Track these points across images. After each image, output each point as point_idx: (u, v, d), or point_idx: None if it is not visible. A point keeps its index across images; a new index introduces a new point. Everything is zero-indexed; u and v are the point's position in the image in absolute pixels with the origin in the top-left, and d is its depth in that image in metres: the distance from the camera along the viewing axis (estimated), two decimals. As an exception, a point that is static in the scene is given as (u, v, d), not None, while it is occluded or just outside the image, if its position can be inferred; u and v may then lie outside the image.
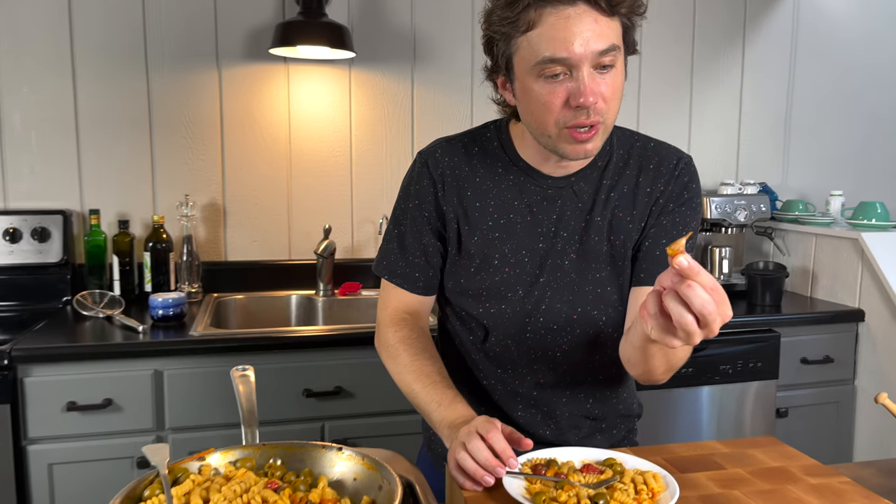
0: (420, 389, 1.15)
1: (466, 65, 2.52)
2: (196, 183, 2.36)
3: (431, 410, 1.12)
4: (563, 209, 1.16)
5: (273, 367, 1.88)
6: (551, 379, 1.22)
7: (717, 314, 0.78)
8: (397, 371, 1.21)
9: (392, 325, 1.24)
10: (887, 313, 2.24)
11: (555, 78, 1.00)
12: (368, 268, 2.51)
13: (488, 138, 1.21)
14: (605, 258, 1.17)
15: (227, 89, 2.35)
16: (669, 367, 1.09)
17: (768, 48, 2.80)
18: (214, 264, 2.38)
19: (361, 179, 2.49)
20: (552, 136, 1.05)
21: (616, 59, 1.01)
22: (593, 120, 1.01)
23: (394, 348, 1.21)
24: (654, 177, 1.16)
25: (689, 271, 0.77)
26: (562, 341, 1.19)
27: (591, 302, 1.18)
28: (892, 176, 3.01)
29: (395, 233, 1.24)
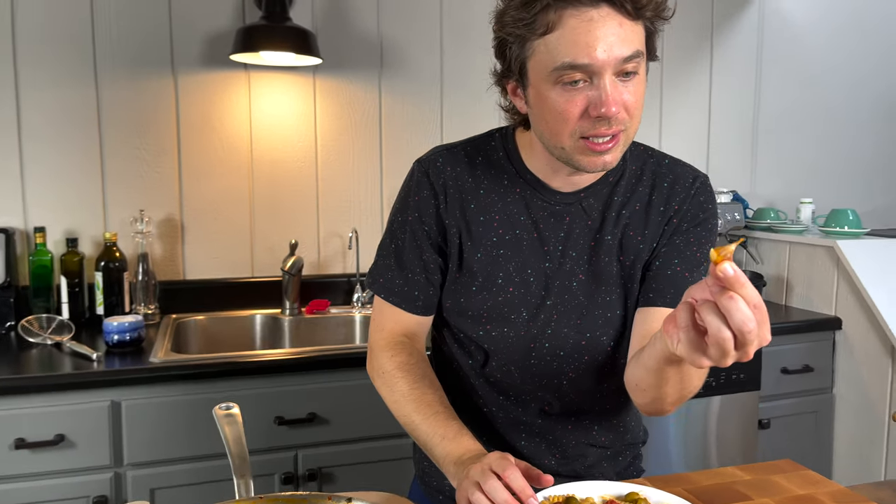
0: (421, 421, 1.04)
1: (435, 72, 2.44)
2: (151, 197, 2.21)
3: (434, 444, 1.02)
4: (571, 227, 1.08)
5: (242, 394, 1.75)
6: (557, 407, 1.14)
7: (756, 334, 0.69)
8: (394, 400, 1.10)
9: (388, 350, 1.13)
10: (864, 320, 2.23)
11: (574, 85, 0.92)
12: (337, 284, 2.42)
13: (493, 147, 1.12)
14: (615, 280, 1.09)
15: (183, 97, 2.21)
16: (681, 395, 1.00)
17: (735, 57, 2.79)
18: (172, 283, 2.23)
19: (328, 191, 2.37)
20: (567, 147, 0.96)
21: (639, 65, 0.93)
22: (615, 130, 0.93)
23: (390, 375, 1.11)
24: (669, 195, 1.09)
25: (733, 281, 0.67)
26: (568, 368, 1.11)
27: (600, 326, 1.09)
28: (856, 182, 3.04)
29: (391, 247, 1.14)
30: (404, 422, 1.09)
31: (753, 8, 2.81)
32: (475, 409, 1.16)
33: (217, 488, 1.73)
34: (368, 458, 1.85)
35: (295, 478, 1.80)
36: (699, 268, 1.09)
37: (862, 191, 3.05)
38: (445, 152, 1.13)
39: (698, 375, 0.97)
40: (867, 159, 3.07)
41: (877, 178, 3.09)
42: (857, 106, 3.03)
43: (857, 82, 3.01)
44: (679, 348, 0.75)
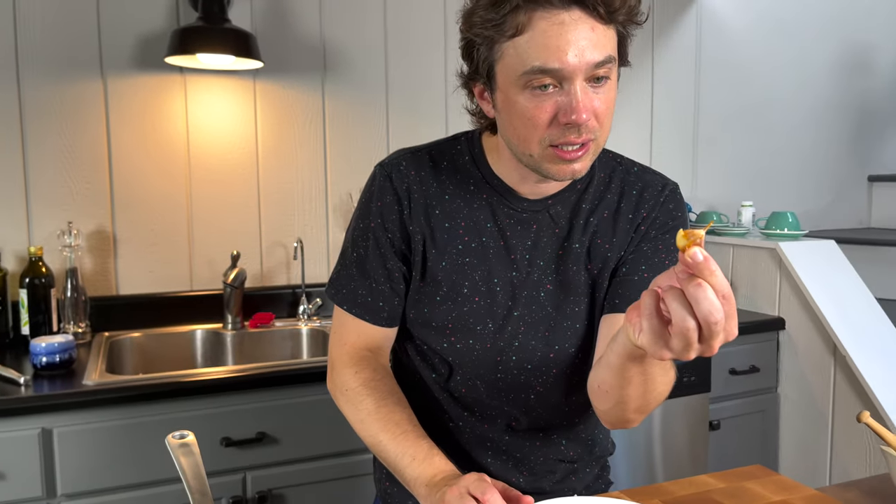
0: (389, 441, 0.99)
1: (380, 76, 2.38)
2: (80, 208, 2.08)
3: (404, 466, 0.96)
4: (538, 235, 1.04)
5: (185, 415, 1.65)
6: (524, 422, 1.10)
7: (722, 326, 0.65)
8: (360, 419, 1.04)
9: (352, 366, 1.07)
10: (807, 320, 2.28)
11: (543, 90, 0.88)
12: (280, 297, 2.33)
13: (459, 151, 1.07)
14: (584, 289, 1.05)
15: (114, 102, 2.09)
16: (645, 401, 0.94)
17: (675, 65, 2.84)
18: (104, 300, 2.10)
19: (270, 200, 2.29)
20: (535, 155, 0.92)
21: (611, 71, 0.90)
22: (584, 138, 0.89)
23: (355, 393, 1.05)
24: (638, 203, 1.06)
25: (702, 267, 0.63)
26: (536, 382, 1.07)
27: (568, 338, 1.06)
28: (792, 185, 3.13)
29: (353, 256, 1.08)
30: (371, 442, 1.03)
31: (691, 16, 2.86)
32: (439, 426, 1.11)
33: (159, 517, 1.63)
34: (322, 477, 1.77)
35: (244, 501, 1.70)
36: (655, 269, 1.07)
37: (797, 193, 3.14)
38: (409, 156, 1.07)
39: (662, 381, 0.93)
40: (801, 163, 3.16)
41: (810, 181, 3.19)
42: (792, 111, 3.12)
43: (791, 88, 3.10)
44: (641, 338, 0.71)
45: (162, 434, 1.62)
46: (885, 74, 3.34)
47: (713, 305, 0.64)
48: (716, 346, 0.67)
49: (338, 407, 1.09)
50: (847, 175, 3.29)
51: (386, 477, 1.18)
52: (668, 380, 0.94)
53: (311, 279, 2.33)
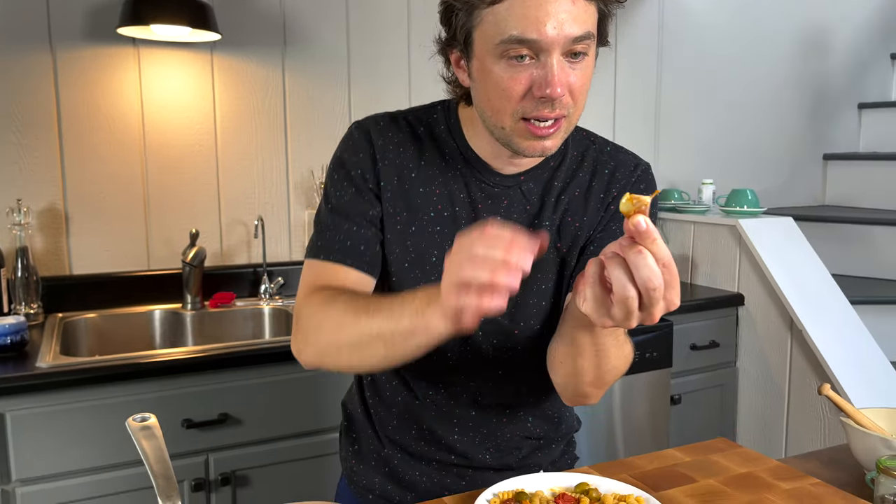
0: (372, 315, 0.87)
1: (342, 52, 2.33)
2: (30, 185, 2.00)
3: (400, 316, 0.84)
4: (509, 211, 1.02)
5: (144, 397, 1.61)
6: (490, 399, 1.09)
7: (661, 295, 0.67)
8: (332, 319, 0.91)
9: (318, 293, 0.97)
10: (765, 296, 2.33)
11: (519, 61, 0.86)
12: (241, 276, 2.28)
13: (435, 120, 1.05)
14: (552, 267, 1.04)
15: (63, 75, 2.01)
16: (599, 373, 0.94)
17: (638, 43, 2.84)
18: (57, 279, 2.04)
19: (230, 177, 2.23)
20: (507, 127, 0.91)
21: (589, 48, 0.89)
22: (557, 114, 0.88)
23: (321, 303, 0.94)
24: (609, 182, 1.05)
25: (644, 235, 0.65)
26: (500, 358, 1.06)
27: (533, 315, 1.05)
28: (750, 163, 3.17)
29: (330, 206, 1.02)
30: (352, 333, 0.89)
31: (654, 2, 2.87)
32: (405, 403, 1.10)
33: (118, 501, 1.59)
34: (286, 457, 1.75)
35: (206, 483, 1.68)
36: None
37: (756, 171, 3.18)
38: (387, 117, 1.05)
39: (616, 354, 0.93)
40: (760, 141, 3.21)
41: (768, 160, 3.24)
42: (751, 91, 3.15)
43: (751, 68, 3.13)
44: (585, 306, 0.73)
45: (120, 417, 1.58)
46: (840, 55, 3.40)
47: (652, 272, 0.65)
48: (656, 315, 0.69)
49: (309, 348, 0.96)
50: (803, 154, 3.35)
51: (352, 455, 1.17)
52: (623, 353, 0.95)
53: (273, 258, 2.29)
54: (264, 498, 1.74)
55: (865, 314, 2.34)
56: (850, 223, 2.93)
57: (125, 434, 1.57)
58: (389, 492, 1.12)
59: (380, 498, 1.13)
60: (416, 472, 1.11)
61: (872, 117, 3.47)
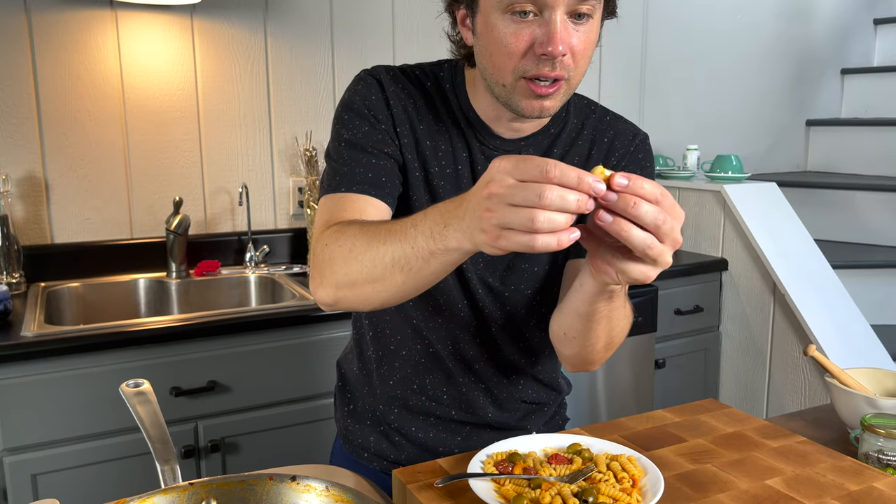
0: (384, 240, 0.81)
1: (325, 16, 2.29)
2: (7, 153, 1.96)
3: (414, 238, 0.77)
4: None
5: (131, 365, 1.61)
6: (491, 358, 1.10)
7: (672, 222, 0.68)
8: (344, 248, 0.85)
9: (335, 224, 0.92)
10: (749, 261, 2.35)
11: (523, 16, 0.86)
12: (226, 244, 2.26)
13: (442, 78, 1.04)
14: None
15: (39, 40, 1.95)
16: (610, 339, 0.96)
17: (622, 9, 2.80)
18: (39, 248, 2.01)
19: (213, 144, 2.20)
20: (507, 85, 0.90)
21: (595, 10, 0.88)
22: (557, 73, 0.87)
23: (337, 229, 0.88)
24: (608, 152, 1.05)
25: (633, 186, 0.66)
26: (492, 319, 1.07)
27: (524, 280, 1.06)
28: (734, 129, 3.18)
29: (341, 145, 0.98)
30: (367, 266, 0.82)
31: (640, -44, 2.84)
32: (412, 356, 1.09)
33: (106, 469, 1.60)
34: (276, 424, 1.76)
35: (196, 450, 1.68)
36: None
37: (739, 137, 3.19)
38: (396, 69, 1.04)
39: (625, 314, 0.95)
40: (744, 107, 3.21)
41: (751, 126, 3.25)
42: (735, 57, 3.15)
43: (734, 34, 3.12)
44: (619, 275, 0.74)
45: (107, 385, 1.57)
46: (823, 20, 3.40)
47: (657, 212, 0.66)
48: (678, 236, 0.70)
49: (325, 283, 0.88)
50: (786, 119, 3.36)
51: (347, 415, 1.17)
52: (628, 313, 0.96)
53: (258, 226, 2.28)
54: (254, 464, 1.75)
55: (846, 278, 2.37)
56: (831, 188, 2.96)
57: (112, 402, 1.57)
58: (385, 450, 1.13)
59: (375, 456, 1.14)
60: (412, 426, 1.11)
61: (855, 83, 3.48)
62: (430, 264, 0.76)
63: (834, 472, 0.92)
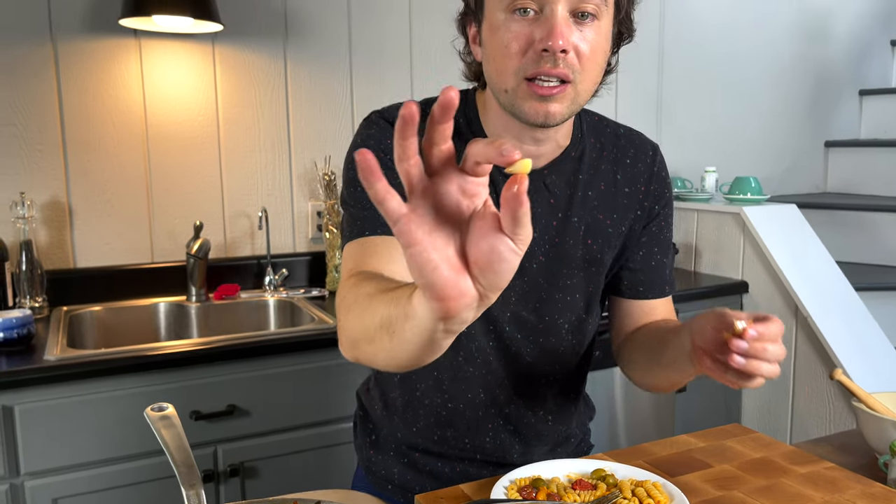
0: (381, 297, 0.73)
1: (344, 42, 2.32)
2: (33, 179, 1.99)
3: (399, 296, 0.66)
4: (532, 205, 0.97)
5: (152, 389, 1.61)
6: (515, 393, 1.07)
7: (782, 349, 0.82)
8: (357, 303, 0.79)
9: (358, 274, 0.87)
10: (770, 283, 2.33)
11: (524, 14, 0.85)
12: (245, 268, 2.28)
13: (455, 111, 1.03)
14: (579, 263, 1.03)
15: (65, 68, 1.99)
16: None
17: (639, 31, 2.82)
18: (61, 273, 2.03)
19: (233, 168, 2.22)
20: (510, 89, 0.89)
21: (600, 10, 0.87)
22: (560, 71, 0.85)
23: (356, 281, 0.83)
24: (633, 174, 1.05)
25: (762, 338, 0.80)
26: (525, 351, 1.05)
27: (559, 311, 1.04)
28: (752, 151, 3.17)
29: (357, 190, 0.94)
30: (365, 324, 0.74)
31: (655, -20, 2.86)
32: (435, 406, 1.07)
33: (128, 493, 1.60)
34: (295, 448, 1.75)
35: (215, 475, 1.68)
36: (670, 248, 1.10)
37: (758, 159, 3.18)
38: None
39: None
40: (761, 129, 3.20)
41: (770, 147, 3.24)
42: (752, 78, 3.15)
43: (751, 56, 3.12)
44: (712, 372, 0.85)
45: (128, 409, 1.58)
46: (840, 42, 3.39)
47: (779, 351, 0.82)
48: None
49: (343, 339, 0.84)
50: (805, 141, 3.35)
51: (369, 445, 1.16)
52: None
53: (277, 249, 2.29)
54: (274, 489, 1.74)
55: (868, 300, 2.34)
56: (851, 210, 2.93)
57: (134, 426, 1.58)
58: (409, 481, 1.11)
59: (399, 488, 1.12)
60: (437, 462, 1.10)
61: (873, 104, 3.47)
62: (405, 330, 0.62)
63: (864, 498, 0.90)
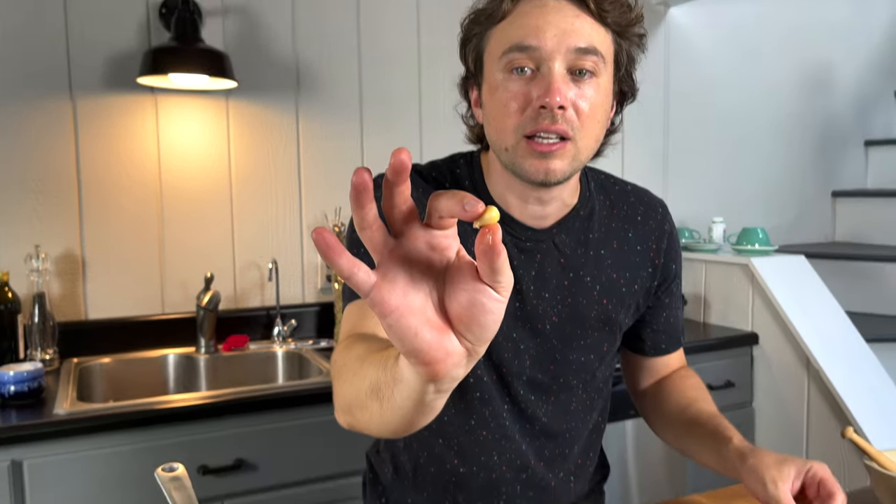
0: (372, 360, 0.70)
1: (354, 96, 2.37)
2: (48, 231, 2.02)
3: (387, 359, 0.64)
4: (542, 265, 1.00)
5: (160, 443, 1.61)
6: (530, 455, 1.06)
7: None
8: (346, 366, 0.77)
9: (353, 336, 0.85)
10: (780, 334, 2.32)
11: (521, 73, 0.87)
12: (254, 319, 2.29)
13: (459, 175, 1.03)
14: (593, 323, 1.03)
15: (83, 123, 2.04)
16: None
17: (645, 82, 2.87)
18: (73, 325, 2.05)
19: (244, 220, 2.25)
20: (510, 147, 0.89)
21: (598, 67, 0.88)
22: (559, 128, 0.86)
23: (349, 343, 0.82)
24: (645, 232, 1.05)
25: None
26: (540, 412, 1.04)
27: (573, 371, 1.03)
28: (759, 201, 3.18)
29: (362, 252, 0.89)
30: (354, 389, 0.71)
31: (660, 35, 2.91)
32: (446, 472, 1.06)
33: (134, 550, 1.58)
34: (304, 502, 1.73)
35: (222, 531, 1.66)
36: (680, 299, 1.14)
37: (764, 209, 3.19)
38: (413, 172, 1.03)
39: None
40: (768, 179, 3.22)
41: (776, 197, 3.25)
42: (758, 129, 3.18)
43: (756, 106, 3.17)
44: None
45: (137, 463, 1.58)
46: (844, 93, 3.43)
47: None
48: None
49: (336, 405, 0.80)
50: (811, 191, 3.37)
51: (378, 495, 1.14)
52: None
53: (286, 300, 2.30)
54: (280, 545, 1.72)
55: (880, 352, 2.32)
56: (860, 260, 2.93)
57: (142, 480, 1.57)
58: None
59: None
60: None
61: (879, 154, 3.49)
62: (394, 394, 0.60)
63: (880, 564, 0.88)
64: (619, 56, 0.92)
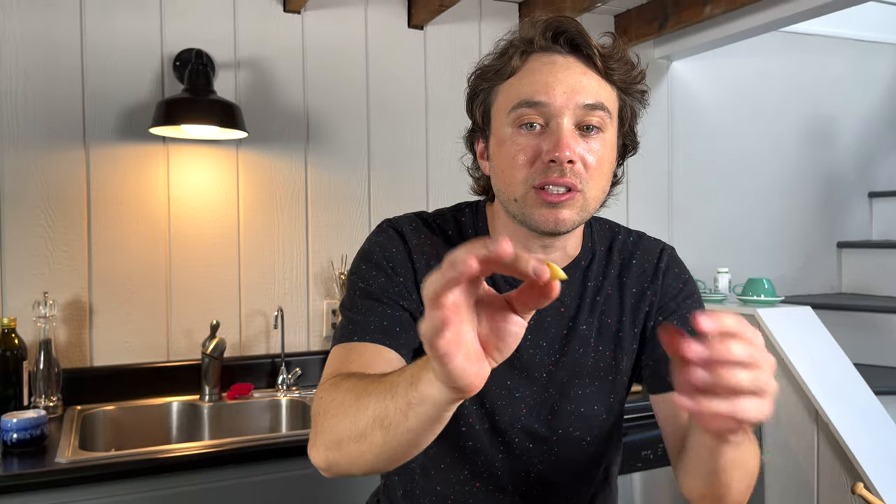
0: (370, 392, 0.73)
1: (362, 146, 2.41)
2: (57, 278, 2.04)
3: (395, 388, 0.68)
4: (542, 314, 0.99)
5: (161, 493, 1.59)
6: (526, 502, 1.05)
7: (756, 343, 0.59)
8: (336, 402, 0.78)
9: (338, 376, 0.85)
10: (787, 386, 2.29)
11: (530, 129, 0.89)
12: (259, 367, 2.28)
13: (464, 223, 1.04)
14: (592, 372, 1.02)
15: (95, 171, 2.08)
16: (749, 478, 0.88)
17: (649, 134, 2.90)
18: (78, 371, 2.04)
19: (251, 268, 2.27)
20: (519, 198, 0.90)
21: (605, 123, 0.90)
22: (567, 181, 0.87)
23: (337, 381, 0.82)
24: (639, 275, 1.04)
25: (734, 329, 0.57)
26: (538, 462, 1.02)
27: (572, 423, 1.02)
28: (763, 251, 3.19)
29: (356, 294, 0.96)
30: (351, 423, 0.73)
31: (663, 88, 2.96)
32: None
33: None
34: (303, 557, 1.71)
35: (221, 585, 1.63)
36: None
37: (769, 260, 3.20)
38: (416, 219, 1.04)
39: (753, 451, 0.88)
40: (772, 230, 3.24)
41: (781, 248, 3.26)
42: (761, 180, 3.21)
43: (759, 158, 3.20)
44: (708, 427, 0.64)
45: (138, 514, 1.56)
46: (847, 145, 3.47)
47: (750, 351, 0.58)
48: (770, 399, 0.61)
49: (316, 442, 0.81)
50: (816, 241, 3.37)
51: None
52: (756, 448, 0.89)
53: (291, 348, 2.30)
54: None
55: (889, 404, 2.29)
56: (867, 311, 2.92)
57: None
58: None
59: None
60: None
61: (883, 206, 3.50)
62: (408, 418, 0.65)
63: None
64: (624, 111, 0.95)
